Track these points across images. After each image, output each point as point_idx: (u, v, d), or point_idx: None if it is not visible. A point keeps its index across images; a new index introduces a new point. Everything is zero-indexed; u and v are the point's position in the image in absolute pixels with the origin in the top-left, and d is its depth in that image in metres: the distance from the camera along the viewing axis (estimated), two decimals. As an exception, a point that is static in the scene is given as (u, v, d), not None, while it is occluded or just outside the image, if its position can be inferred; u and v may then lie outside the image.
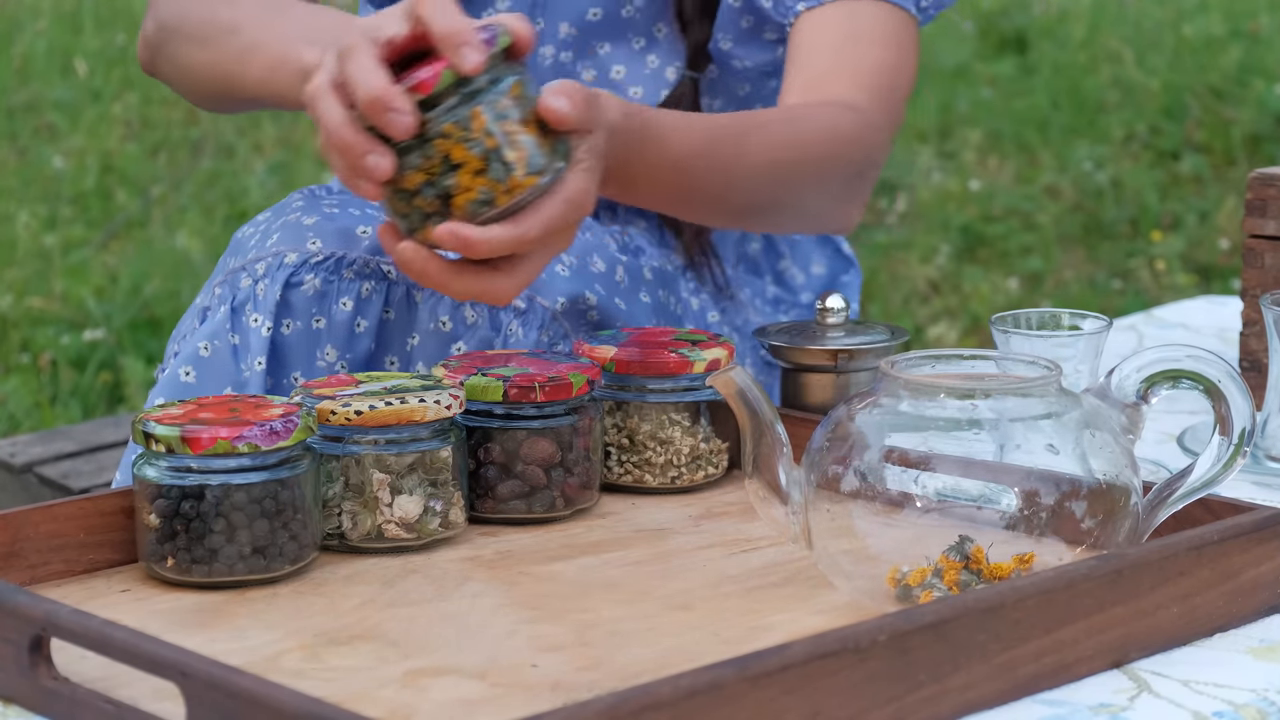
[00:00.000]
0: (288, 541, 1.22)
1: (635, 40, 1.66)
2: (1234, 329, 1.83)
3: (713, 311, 1.69)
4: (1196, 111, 4.96)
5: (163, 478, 1.21)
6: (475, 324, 1.46)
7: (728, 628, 1.15)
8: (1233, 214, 4.42)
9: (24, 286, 3.84)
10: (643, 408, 1.41)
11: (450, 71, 1.21)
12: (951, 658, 1.04)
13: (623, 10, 1.65)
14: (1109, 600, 1.11)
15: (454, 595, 1.21)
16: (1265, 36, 5.32)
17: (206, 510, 1.20)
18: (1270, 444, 1.49)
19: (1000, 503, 1.13)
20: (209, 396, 1.30)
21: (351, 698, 1.04)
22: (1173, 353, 1.18)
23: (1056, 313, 1.46)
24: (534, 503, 1.34)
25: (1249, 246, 1.64)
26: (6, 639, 1.06)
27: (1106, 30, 5.55)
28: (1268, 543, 1.19)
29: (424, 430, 1.28)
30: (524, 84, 1.25)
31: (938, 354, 1.21)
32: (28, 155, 4.67)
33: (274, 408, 1.24)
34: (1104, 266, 4.31)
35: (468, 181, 1.23)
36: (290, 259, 1.44)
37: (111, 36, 5.52)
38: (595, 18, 1.65)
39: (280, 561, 1.22)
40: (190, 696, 0.97)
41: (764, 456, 1.19)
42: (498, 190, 1.23)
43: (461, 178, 1.23)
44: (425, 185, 1.23)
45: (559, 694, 1.05)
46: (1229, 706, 1.07)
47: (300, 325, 1.44)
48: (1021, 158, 4.84)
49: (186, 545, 1.20)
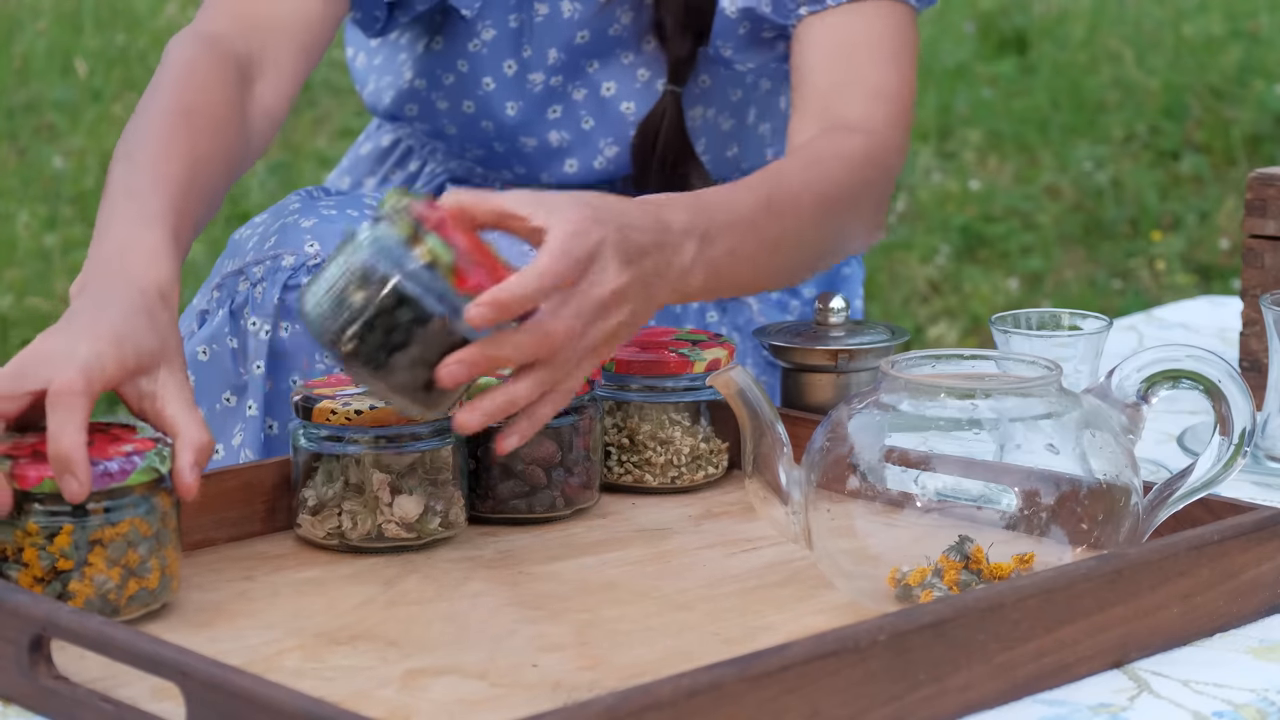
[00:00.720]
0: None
1: (624, 55, 1.66)
2: (1234, 329, 1.83)
3: (713, 311, 1.69)
4: (1196, 111, 4.95)
5: None
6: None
7: (728, 628, 1.15)
8: (1233, 214, 4.42)
9: (24, 286, 3.84)
10: (643, 408, 1.41)
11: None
12: (951, 658, 1.04)
13: (610, 29, 1.64)
14: (1109, 600, 1.11)
15: (454, 595, 1.21)
16: (1265, 36, 5.32)
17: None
18: (1270, 444, 1.49)
19: (1000, 503, 1.13)
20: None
21: (351, 698, 1.04)
22: (1173, 353, 1.18)
23: (1056, 313, 1.46)
24: (534, 503, 1.34)
25: (1249, 246, 1.64)
26: (6, 639, 1.06)
27: (1106, 30, 5.55)
28: (1268, 543, 1.19)
29: (424, 430, 1.28)
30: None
31: (938, 354, 1.21)
32: (28, 155, 4.67)
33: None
34: (1104, 266, 4.31)
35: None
36: (288, 262, 1.44)
37: (111, 36, 5.52)
38: (584, 40, 1.64)
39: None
40: (190, 696, 0.97)
41: (764, 456, 1.19)
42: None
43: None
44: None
45: (559, 694, 1.05)
46: (1229, 706, 1.07)
47: (299, 328, 1.44)
48: (1021, 158, 4.84)
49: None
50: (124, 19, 5.68)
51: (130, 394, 1.19)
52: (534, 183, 1.70)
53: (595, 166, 1.68)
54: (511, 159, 1.69)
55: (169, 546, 1.17)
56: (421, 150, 1.76)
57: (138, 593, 1.15)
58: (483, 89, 1.66)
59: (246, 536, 1.32)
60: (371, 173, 1.79)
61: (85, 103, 5.01)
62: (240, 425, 1.43)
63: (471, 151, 1.70)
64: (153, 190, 1.30)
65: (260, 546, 1.30)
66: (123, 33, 5.55)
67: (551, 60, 1.65)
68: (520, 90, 1.65)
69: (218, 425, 1.44)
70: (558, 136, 1.67)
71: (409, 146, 1.77)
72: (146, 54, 5.40)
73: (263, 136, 1.46)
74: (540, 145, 1.67)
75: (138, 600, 1.15)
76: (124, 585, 1.15)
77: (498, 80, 1.65)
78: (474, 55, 1.65)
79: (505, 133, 1.67)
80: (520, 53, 1.64)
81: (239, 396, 1.43)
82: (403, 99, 1.70)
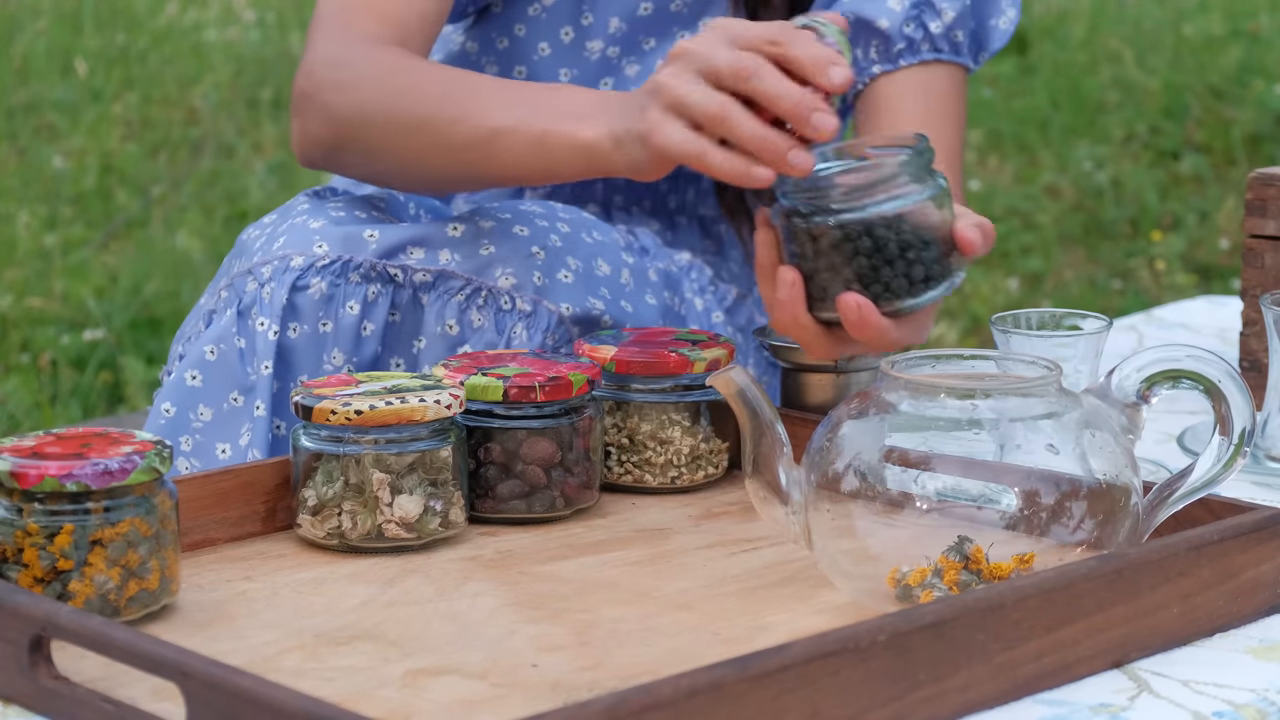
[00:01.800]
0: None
1: (680, 34, 1.68)
2: (1234, 329, 1.83)
3: (717, 312, 1.69)
4: (1196, 111, 4.96)
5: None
6: (481, 327, 1.46)
7: (728, 628, 1.15)
8: (1233, 214, 4.42)
9: (24, 286, 3.84)
10: (643, 408, 1.41)
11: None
12: (951, 658, 1.04)
13: (672, 4, 1.67)
14: (1109, 600, 1.11)
15: (454, 595, 1.21)
16: (1265, 36, 5.32)
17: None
18: (1270, 444, 1.49)
19: (1000, 503, 1.13)
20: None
21: (351, 698, 1.04)
22: (1173, 353, 1.18)
23: (1056, 313, 1.46)
24: (534, 503, 1.34)
25: (1249, 246, 1.64)
26: (6, 639, 1.06)
27: (1106, 30, 5.55)
28: (1268, 543, 1.19)
29: (424, 430, 1.28)
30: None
31: (938, 354, 1.21)
32: (28, 155, 4.67)
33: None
34: (1104, 266, 4.31)
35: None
36: (297, 262, 1.44)
37: (111, 36, 5.52)
38: (646, 12, 1.67)
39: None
40: (190, 696, 0.97)
41: (764, 456, 1.19)
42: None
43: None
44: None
45: (559, 694, 1.05)
46: (1229, 706, 1.07)
47: (307, 329, 1.44)
48: (1021, 158, 4.84)
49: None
50: (124, 19, 5.69)
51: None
52: None
53: None
54: None
55: (169, 547, 1.17)
56: None
57: (138, 594, 1.15)
58: (537, 54, 1.67)
59: (246, 536, 1.32)
60: None
61: (85, 103, 5.01)
62: (248, 426, 1.43)
63: None
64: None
65: (260, 546, 1.30)
66: (123, 33, 5.55)
67: (612, 29, 1.67)
68: (575, 58, 1.67)
69: (225, 426, 1.44)
70: None
71: None
72: (146, 54, 5.40)
73: None
74: None
75: (138, 601, 1.15)
76: (124, 586, 1.15)
77: (553, 46, 1.67)
78: (533, 20, 1.66)
79: None
80: (580, 20, 1.66)
81: (246, 397, 1.44)
82: (450, 62, 1.70)
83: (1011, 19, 1.67)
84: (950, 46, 1.63)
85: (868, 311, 1.24)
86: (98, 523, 1.14)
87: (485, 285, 1.47)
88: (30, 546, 1.13)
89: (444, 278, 1.46)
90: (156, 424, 1.45)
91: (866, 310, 1.24)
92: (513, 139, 1.38)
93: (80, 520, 1.14)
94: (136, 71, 5.23)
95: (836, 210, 1.25)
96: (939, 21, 1.63)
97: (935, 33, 1.63)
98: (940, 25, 1.63)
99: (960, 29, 1.64)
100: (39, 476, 1.13)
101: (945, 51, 1.62)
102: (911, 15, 1.63)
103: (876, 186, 1.24)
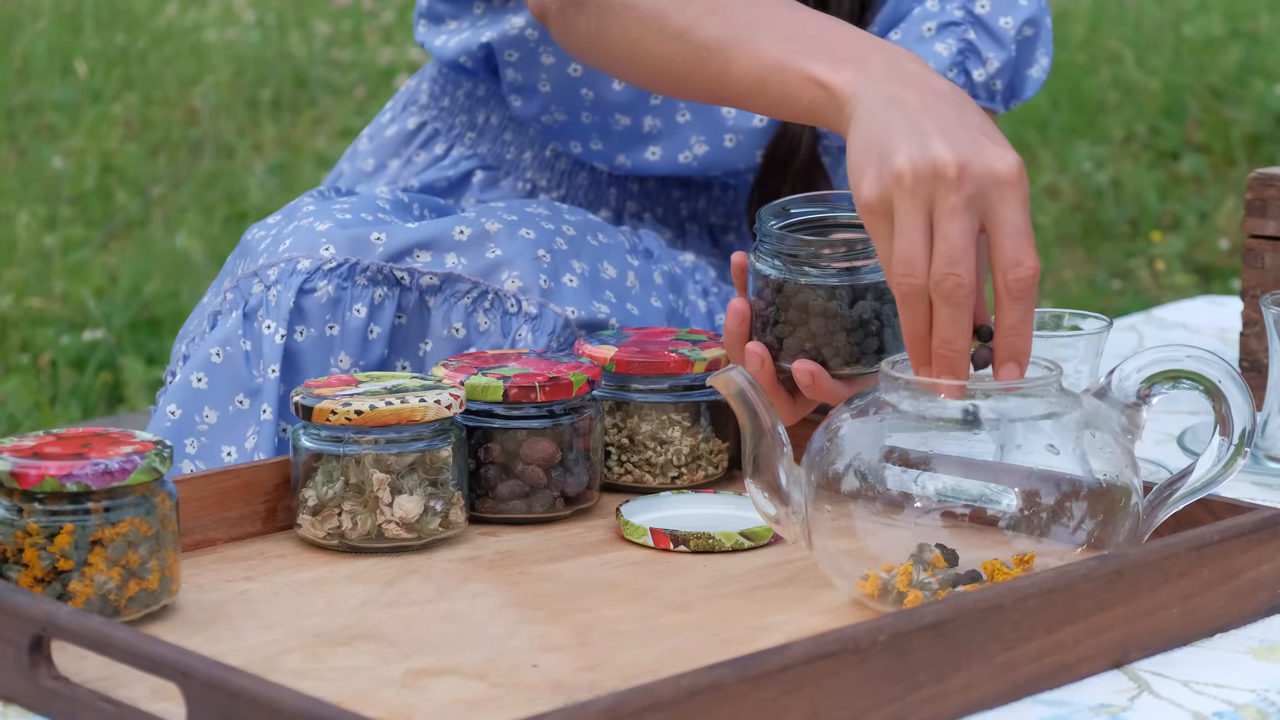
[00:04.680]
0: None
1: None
2: (1234, 329, 1.83)
3: (720, 313, 1.69)
4: (1196, 111, 4.96)
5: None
6: (487, 330, 1.46)
7: (728, 628, 1.15)
8: (1233, 214, 4.42)
9: (24, 286, 3.84)
10: (643, 408, 1.41)
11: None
12: (951, 658, 1.04)
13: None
14: (1109, 600, 1.11)
15: (454, 595, 1.21)
16: (1265, 36, 5.32)
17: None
18: (1270, 444, 1.49)
19: (1000, 503, 1.13)
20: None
21: (351, 698, 1.04)
22: (1173, 353, 1.18)
23: (1057, 313, 1.46)
24: (534, 503, 1.34)
25: (1249, 246, 1.64)
26: (6, 639, 1.06)
27: (1106, 30, 5.55)
28: (1268, 543, 1.19)
29: (424, 430, 1.28)
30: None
31: (938, 354, 1.20)
32: (28, 155, 4.67)
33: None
34: (1104, 266, 4.31)
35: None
36: (303, 265, 1.44)
37: (111, 36, 5.52)
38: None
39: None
40: (190, 696, 0.97)
41: (764, 456, 1.19)
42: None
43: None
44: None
45: (559, 694, 1.05)
46: (1229, 706, 1.07)
47: (314, 332, 1.44)
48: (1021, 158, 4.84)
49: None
50: (124, 19, 5.69)
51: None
52: (608, 163, 1.68)
53: (680, 160, 1.66)
54: (593, 133, 1.66)
55: (169, 547, 1.17)
56: (449, 134, 1.74)
57: (138, 594, 1.15)
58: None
59: (246, 536, 1.32)
60: (396, 154, 1.76)
61: (85, 103, 5.01)
62: (254, 428, 1.43)
63: (552, 116, 1.66)
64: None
65: (260, 546, 1.30)
66: (123, 33, 5.55)
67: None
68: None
69: (230, 429, 1.44)
70: (651, 122, 1.66)
71: (435, 129, 1.75)
72: (146, 54, 5.40)
73: None
74: (632, 127, 1.65)
75: (138, 601, 1.15)
76: (124, 586, 1.15)
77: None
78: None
79: (603, 106, 1.64)
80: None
81: (252, 400, 1.43)
82: (504, 44, 1.65)
83: (1044, 67, 1.64)
84: (987, 94, 1.61)
85: (820, 378, 1.28)
86: (98, 523, 1.14)
87: (491, 288, 1.47)
88: (30, 546, 1.13)
89: (450, 281, 1.46)
90: (161, 426, 1.45)
91: (820, 377, 1.28)
92: (752, 49, 1.30)
93: (80, 520, 1.14)
94: (136, 72, 5.23)
95: (809, 272, 1.28)
96: (983, 70, 1.61)
97: (977, 80, 1.61)
98: (984, 74, 1.61)
99: (1001, 79, 1.62)
100: (39, 476, 1.13)
101: (981, 98, 1.60)
102: (956, 61, 1.60)
103: (855, 255, 1.28)
